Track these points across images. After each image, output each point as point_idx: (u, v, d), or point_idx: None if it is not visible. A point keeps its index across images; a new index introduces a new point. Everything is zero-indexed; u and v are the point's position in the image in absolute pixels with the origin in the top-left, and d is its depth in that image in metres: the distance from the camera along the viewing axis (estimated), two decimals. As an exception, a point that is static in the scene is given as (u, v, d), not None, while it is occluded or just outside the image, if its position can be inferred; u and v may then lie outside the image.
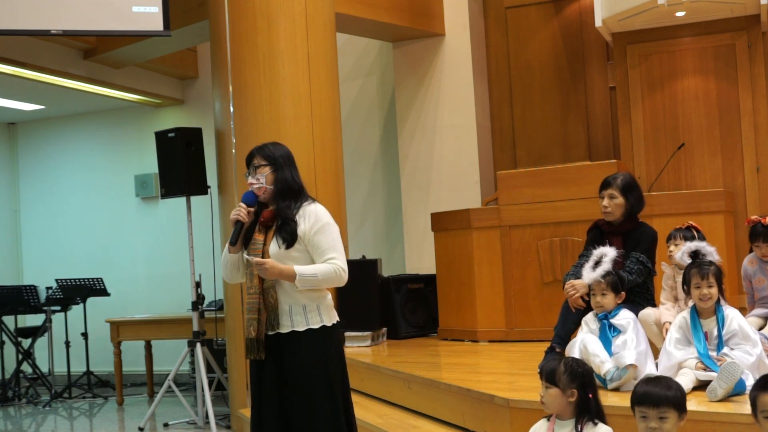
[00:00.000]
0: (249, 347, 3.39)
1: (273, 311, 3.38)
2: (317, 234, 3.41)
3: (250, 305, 3.40)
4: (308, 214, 3.43)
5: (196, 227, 6.77)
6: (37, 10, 6.24)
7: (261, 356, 3.38)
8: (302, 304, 3.42)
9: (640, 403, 2.85)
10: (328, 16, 6.36)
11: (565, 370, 3.08)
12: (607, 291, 4.09)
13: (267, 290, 3.38)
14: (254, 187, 3.43)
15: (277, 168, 3.46)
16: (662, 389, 2.86)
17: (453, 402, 4.52)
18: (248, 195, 3.44)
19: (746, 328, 3.82)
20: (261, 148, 3.51)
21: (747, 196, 6.77)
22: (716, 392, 3.52)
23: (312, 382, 3.39)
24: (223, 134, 6.29)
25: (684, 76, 7.02)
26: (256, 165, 3.45)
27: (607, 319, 4.09)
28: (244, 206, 3.41)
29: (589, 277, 4.15)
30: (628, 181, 4.73)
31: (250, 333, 3.38)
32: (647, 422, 2.83)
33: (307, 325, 3.41)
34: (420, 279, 7.23)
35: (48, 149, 10.18)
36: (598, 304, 4.12)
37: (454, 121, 7.77)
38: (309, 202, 3.49)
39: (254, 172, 3.45)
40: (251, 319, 3.39)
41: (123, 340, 8.26)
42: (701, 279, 3.82)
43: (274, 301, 3.38)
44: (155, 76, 9.11)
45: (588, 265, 4.24)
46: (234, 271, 3.52)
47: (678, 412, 2.85)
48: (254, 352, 3.39)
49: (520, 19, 8.01)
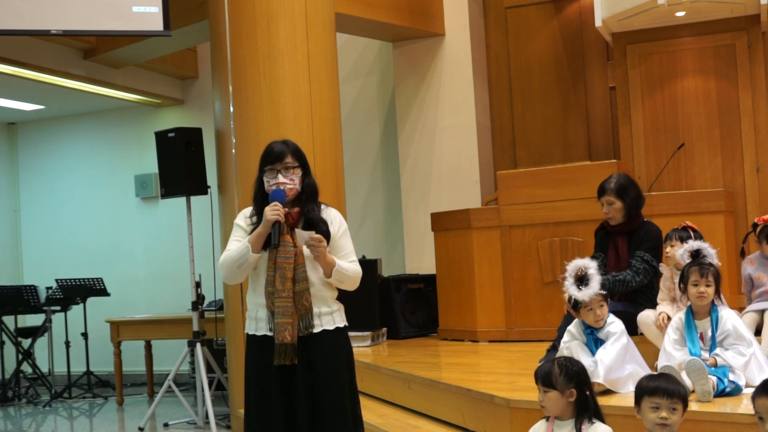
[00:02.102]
0: (281, 352, 3.28)
1: (307, 314, 3.33)
2: (342, 237, 3.48)
3: (283, 309, 3.28)
4: (332, 217, 3.47)
5: (196, 227, 6.77)
6: (37, 10, 6.24)
7: (294, 361, 3.29)
8: (329, 305, 3.43)
9: (653, 394, 2.90)
10: (328, 16, 6.36)
11: (560, 372, 3.09)
12: (603, 301, 3.98)
13: (301, 293, 3.31)
14: (287, 187, 3.36)
15: (306, 170, 3.44)
16: (673, 383, 2.94)
17: (453, 402, 4.52)
18: (280, 194, 3.33)
19: (740, 329, 3.83)
20: (293, 149, 3.42)
21: (747, 196, 6.77)
22: (706, 392, 3.53)
23: (342, 378, 3.39)
24: (223, 134, 6.29)
25: (684, 76, 7.02)
26: (289, 165, 3.37)
27: (593, 334, 3.99)
28: (280, 205, 3.31)
29: (588, 295, 3.92)
30: (622, 183, 4.74)
31: (285, 338, 3.27)
32: (658, 412, 2.89)
33: (335, 324, 3.42)
34: (420, 279, 7.23)
35: (48, 149, 10.18)
36: (599, 317, 3.96)
37: (454, 121, 7.77)
38: (325, 205, 3.51)
39: (285, 172, 3.37)
40: (285, 323, 3.28)
41: (123, 340, 8.26)
42: (700, 277, 3.82)
43: (309, 304, 3.33)
44: (155, 76, 9.11)
45: (569, 282, 4.00)
46: (246, 271, 3.39)
47: (684, 407, 2.92)
48: (287, 357, 3.29)
49: (520, 19, 8.01)
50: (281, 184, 3.36)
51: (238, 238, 3.44)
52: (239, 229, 3.47)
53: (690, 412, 3.40)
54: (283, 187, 3.35)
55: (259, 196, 3.46)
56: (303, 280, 3.33)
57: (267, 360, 3.35)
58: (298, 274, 3.33)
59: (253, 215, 3.47)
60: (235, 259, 3.35)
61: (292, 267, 3.31)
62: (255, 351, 3.43)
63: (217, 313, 7.38)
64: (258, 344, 3.41)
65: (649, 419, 2.91)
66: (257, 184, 3.48)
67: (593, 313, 3.95)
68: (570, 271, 4.04)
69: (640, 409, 2.96)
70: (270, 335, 3.35)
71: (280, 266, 3.31)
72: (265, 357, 3.36)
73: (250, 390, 3.44)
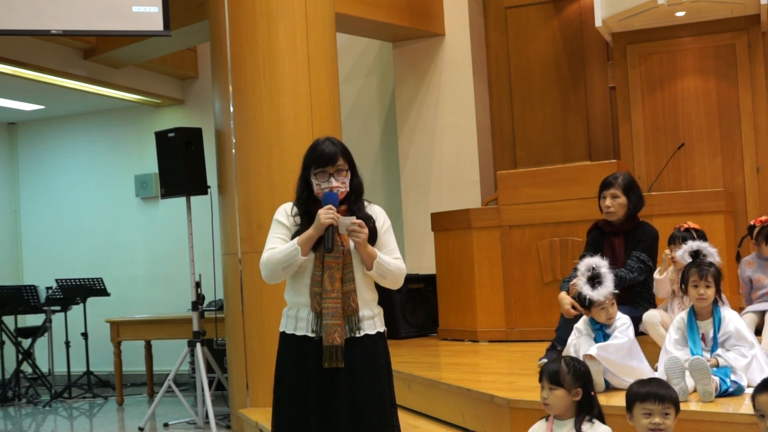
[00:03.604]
0: (331, 354, 3.21)
1: (355, 315, 3.28)
2: (386, 233, 3.41)
3: (333, 310, 3.22)
4: (377, 213, 3.40)
5: (196, 227, 6.77)
6: (37, 10, 6.24)
7: (342, 363, 3.22)
8: (371, 308, 3.37)
9: (644, 400, 2.90)
10: (328, 16, 6.36)
11: (569, 371, 3.09)
12: (614, 300, 4.02)
13: (348, 294, 3.26)
14: (340, 190, 3.29)
15: (354, 172, 3.38)
16: (663, 388, 2.93)
17: (453, 402, 4.52)
18: (334, 197, 3.26)
19: (742, 330, 3.83)
20: (342, 149, 3.34)
21: (747, 196, 6.78)
22: (707, 392, 3.53)
23: (383, 383, 3.34)
24: (223, 134, 6.29)
25: (684, 76, 7.02)
26: (341, 168, 3.30)
27: (602, 329, 4.04)
28: (334, 209, 3.23)
29: (603, 294, 3.97)
30: (629, 181, 4.75)
31: (334, 340, 3.20)
32: (651, 418, 2.88)
33: (376, 329, 3.37)
34: (420, 279, 7.23)
35: (48, 149, 10.18)
36: (610, 316, 3.99)
37: (454, 121, 7.77)
38: (368, 201, 3.45)
39: (338, 175, 3.29)
40: (335, 325, 3.21)
41: (123, 340, 8.25)
42: (699, 279, 3.82)
43: (356, 306, 3.28)
44: (155, 76, 9.11)
45: (581, 281, 4.06)
46: (290, 272, 3.29)
47: (676, 411, 2.91)
48: (337, 359, 3.22)
49: (520, 19, 8.01)
50: (335, 188, 3.29)
51: (282, 236, 3.34)
52: (282, 227, 3.37)
53: (690, 412, 3.41)
54: (336, 191, 3.29)
55: (305, 196, 3.37)
56: (351, 280, 3.28)
57: (305, 361, 3.28)
58: (346, 275, 3.27)
59: (296, 214, 3.37)
60: (282, 260, 3.26)
61: (341, 267, 3.26)
62: (293, 351, 3.33)
63: (217, 313, 7.38)
64: (297, 344, 3.32)
65: (642, 425, 2.90)
66: (302, 183, 3.38)
67: (606, 312, 3.99)
68: (582, 270, 4.07)
69: (632, 416, 2.95)
70: (310, 336, 3.27)
71: (328, 266, 3.24)
72: (304, 358, 3.29)
73: (282, 389, 3.36)
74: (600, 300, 3.97)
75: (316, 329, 3.25)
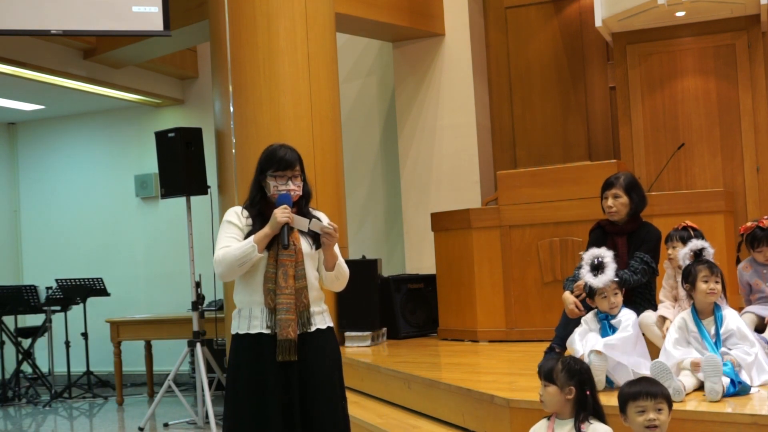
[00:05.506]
0: (285, 348, 3.36)
1: (306, 311, 3.43)
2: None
3: (287, 306, 3.38)
4: (322, 217, 3.56)
5: (196, 227, 6.77)
6: (37, 10, 6.24)
7: (295, 357, 3.37)
8: (320, 305, 3.52)
9: (636, 398, 2.93)
10: (328, 16, 6.36)
11: (562, 368, 3.15)
12: (618, 290, 4.06)
13: (301, 290, 3.41)
14: (295, 193, 3.48)
15: (305, 176, 3.57)
16: (654, 385, 2.99)
17: (453, 402, 4.52)
18: (288, 198, 3.45)
19: (744, 329, 3.84)
20: (298, 157, 3.54)
21: (747, 196, 6.78)
22: (715, 390, 3.53)
23: (334, 377, 3.49)
24: (223, 134, 6.29)
25: (684, 76, 7.02)
26: (297, 173, 3.50)
27: (608, 319, 4.07)
28: (290, 208, 3.41)
29: (603, 281, 4.01)
30: (631, 180, 4.74)
31: (288, 334, 3.36)
32: (645, 415, 2.91)
33: (326, 324, 3.52)
34: (420, 279, 7.23)
35: (48, 149, 10.18)
36: (613, 304, 4.02)
37: (454, 121, 7.77)
38: (312, 208, 3.61)
39: (294, 179, 3.49)
40: (288, 320, 3.37)
41: (123, 340, 8.26)
42: (710, 273, 3.84)
43: (308, 302, 3.43)
44: (155, 76, 9.12)
45: (585, 270, 4.11)
46: (244, 269, 3.43)
47: (669, 406, 2.95)
48: (290, 353, 3.37)
49: (520, 19, 8.01)
50: (291, 190, 3.47)
51: (234, 236, 3.47)
52: (234, 227, 3.50)
53: (691, 412, 3.41)
54: (292, 193, 3.47)
55: (257, 199, 3.53)
56: (302, 277, 3.43)
57: (262, 358, 3.39)
58: (298, 272, 3.42)
59: (248, 216, 3.51)
60: (238, 257, 3.38)
61: (294, 264, 3.41)
62: (248, 350, 3.44)
63: (217, 313, 7.38)
64: (252, 342, 3.42)
65: (637, 423, 2.92)
66: (256, 185, 3.55)
67: (608, 300, 4.02)
68: (587, 260, 4.12)
69: (626, 417, 2.98)
70: (266, 333, 3.39)
71: (282, 263, 3.39)
72: (260, 355, 3.39)
73: (238, 389, 3.46)
74: (600, 287, 4.01)
75: (270, 324, 3.40)
